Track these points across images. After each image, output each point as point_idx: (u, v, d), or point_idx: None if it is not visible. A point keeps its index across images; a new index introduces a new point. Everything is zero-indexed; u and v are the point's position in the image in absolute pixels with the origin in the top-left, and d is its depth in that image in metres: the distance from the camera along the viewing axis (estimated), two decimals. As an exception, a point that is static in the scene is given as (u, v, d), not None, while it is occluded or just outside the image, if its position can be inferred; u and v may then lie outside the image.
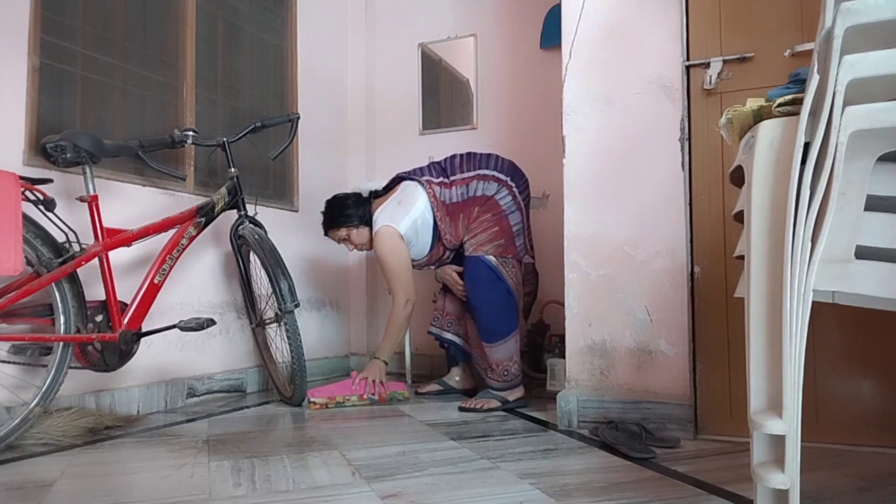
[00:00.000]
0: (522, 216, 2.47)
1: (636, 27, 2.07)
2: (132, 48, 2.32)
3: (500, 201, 2.41)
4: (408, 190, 2.49)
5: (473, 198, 2.43)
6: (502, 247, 2.39)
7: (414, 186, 2.49)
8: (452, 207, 2.46)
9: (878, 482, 1.45)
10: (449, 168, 2.53)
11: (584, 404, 2.02)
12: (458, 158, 2.55)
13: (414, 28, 3.49)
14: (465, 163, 2.51)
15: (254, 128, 2.39)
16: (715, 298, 1.89)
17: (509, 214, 2.41)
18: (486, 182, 2.43)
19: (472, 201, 2.43)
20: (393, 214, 2.45)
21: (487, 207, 2.41)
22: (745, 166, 1.14)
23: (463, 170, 2.49)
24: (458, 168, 2.51)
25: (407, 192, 2.49)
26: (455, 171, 2.50)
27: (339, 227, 2.58)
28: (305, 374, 2.32)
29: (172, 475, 1.51)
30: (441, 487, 1.40)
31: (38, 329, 1.87)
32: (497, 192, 2.42)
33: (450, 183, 2.48)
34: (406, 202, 2.46)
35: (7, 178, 1.63)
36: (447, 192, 2.47)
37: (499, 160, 2.51)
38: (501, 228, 2.39)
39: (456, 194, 2.46)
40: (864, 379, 1.75)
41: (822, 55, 1.02)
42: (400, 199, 2.48)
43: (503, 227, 2.39)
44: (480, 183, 2.44)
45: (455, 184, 2.47)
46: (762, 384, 1.04)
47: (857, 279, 1.02)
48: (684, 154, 1.98)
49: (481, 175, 2.45)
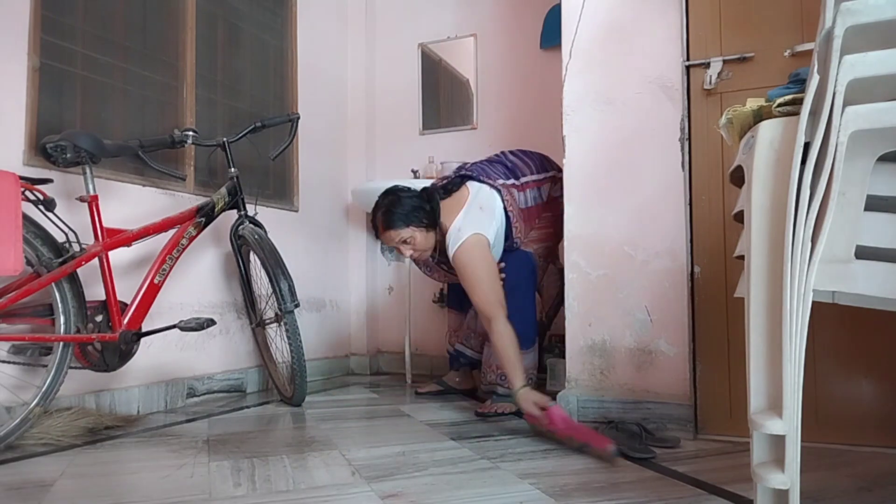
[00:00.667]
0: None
1: (636, 27, 2.07)
2: (132, 48, 2.32)
3: (562, 203, 2.26)
4: (483, 193, 2.22)
5: (548, 199, 2.37)
6: (549, 249, 2.37)
7: (488, 190, 2.23)
8: (527, 212, 2.33)
9: (878, 482, 1.45)
10: (515, 168, 2.35)
11: (584, 404, 2.02)
12: (514, 157, 2.39)
13: (414, 28, 3.49)
14: (529, 162, 2.38)
15: (254, 128, 2.39)
16: (715, 298, 1.89)
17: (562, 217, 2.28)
18: (555, 184, 2.37)
19: (545, 204, 2.37)
20: (479, 221, 2.14)
21: (551, 207, 2.37)
22: (745, 166, 1.14)
23: (531, 170, 2.36)
24: (524, 168, 2.36)
25: (484, 196, 2.21)
26: (523, 172, 2.35)
27: (405, 227, 2.14)
28: (305, 374, 2.32)
29: (172, 475, 1.51)
30: (441, 487, 1.40)
31: (38, 329, 1.87)
32: (561, 193, 2.26)
33: (522, 185, 2.32)
34: (487, 207, 2.19)
35: (7, 178, 1.63)
36: (521, 196, 2.31)
37: (552, 161, 2.44)
38: (555, 231, 2.36)
39: (530, 198, 2.33)
40: (864, 379, 1.75)
41: (822, 55, 1.02)
42: (481, 205, 2.19)
43: (556, 230, 2.34)
44: (552, 185, 2.38)
45: (527, 186, 2.32)
46: (762, 384, 1.04)
47: (857, 279, 1.02)
48: (684, 154, 1.98)
49: (552, 177, 2.37)
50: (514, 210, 2.23)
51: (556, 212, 2.31)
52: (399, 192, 2.19)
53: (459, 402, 2.52)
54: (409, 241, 2.17)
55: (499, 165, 2.34)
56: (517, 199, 2.27)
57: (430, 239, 2.20)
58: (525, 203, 2.30)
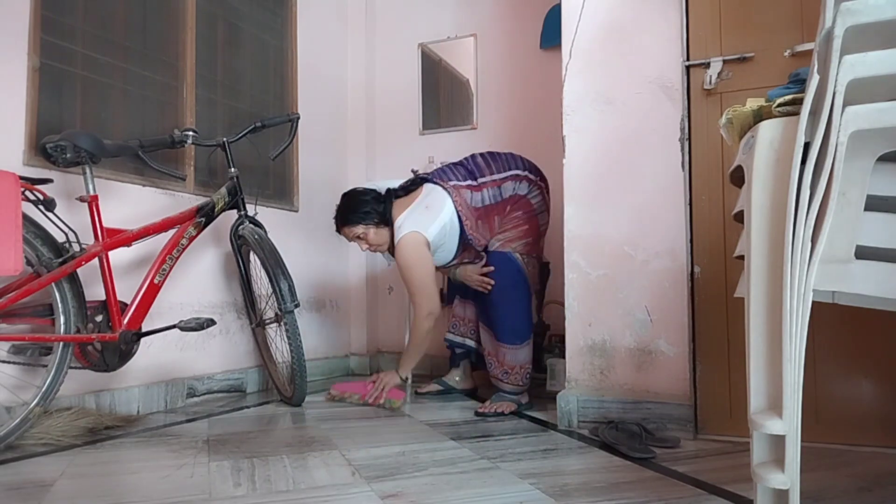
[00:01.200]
0: (548, 217, 2.47)
1: (636, 27, 2.07)
2: (132, 48, 2.32)
3: (532, 200, 2.40)
4: (434, 194, 2.36)
5: (510, 198, 2.39)
6: (529, 245, 2.38)
7: (440, 191, 2.36)
8: (485, 210, 2.38)
9: (878, 482, 1.45)
10: (476, 170, 2.43)
11: (584, 404, 2.02)
12: (480, 159, 2.46)
13: (414, 28, 3.49)
14: (492, 163, 2.44)
15: (254, 128, 2.39)
16: (715, 298, 1.89)
17: (538, 214, 2.41)
18: (520, 182, 2.40)
19: (506, 202, 2.39)
20: (420, 219, 2.30)
21: (519, 206, 2.39)
22: (745, 166, 1.14)
23: (493, 171, 2.42)
24: (485, 170, 2.42)
25: (434, 197, 2.35)
26: (484, 173, 2.42)
27: (356, 224, 2.38)
28: (305, 374, 2.32)
29: (172, 475, 1.51)
30: (441, 487, 1.40)
31: (38, 329, 1.87)
32: (529, 191, 2.40)
33: (479, 185, 2.39)
34: (434, 207, 2.32)
35: (7, 178, 1.63)
36: (478, 196, 2.38)
37: (524, 160, 2.47)
38: (530, 227, 2.38)
39: (488, 196, 2.39)
40: (864, 379, 1.75)
41: (822, 55, 1.02)
42: (427, 204, 2.33)
43: (532, 226, 2.39)
44: (514, 183, 2.39)
45: (485, 186, 2.39)
46: (762, 384, 1.04)
47: (857, 279, 1.02)
48: (684, 154, 1.98)
49: (513, 175, 2.40)
50: (463, 209, 2.34)
51: (527, 209, 2.39)
52: (355, 193, 2.44)
53: (459, 401, 2.52)
54: (362, 237, 2.41)
55: (461, 168, 2.46)
56: (469, 198, 2.37)
57: (383, 235, 2.41)
58: (481, 202, 2.38)
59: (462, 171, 2.43)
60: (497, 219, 2.39)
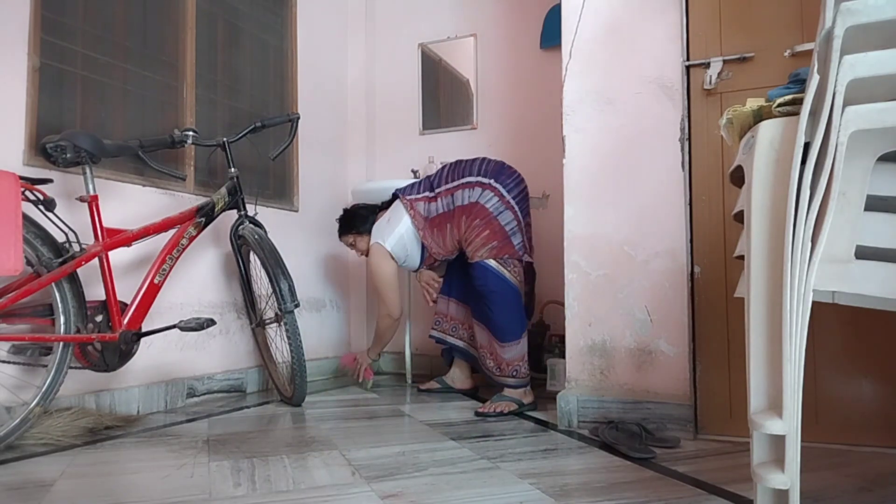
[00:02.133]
0: (516, 214, 2.42)
1: (636, 27, 2.07)
2: (132, 48, 2.32)
3: (486, 204, 2.39)
4: (396, 208, 2.60)
5: (460, 207, 2.43)
6: (497, 248, 2.36)
7: (400, 206, 2.59)
8: (437, 219, 2.50)
9: (878, 482, 1.45)
10: (436, 180, 2.56)
11: (584, 404, 2.02)
12: (445, 169, 2.57)
13: (414, 28, 3.49)
14: (451, 173, 2.52)
15: (254, 128, 2.39)
16: (715, 298, 1.89)
17: (498, 215, 2.38)
18: (471, 189, 2.43)
19: (459, 211, 2.43)
20: (382, 232, 2.59)
21: (475, 213, 2.40)
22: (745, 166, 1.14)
23: (448, 180, 2.51)
24: (444, 179, 2.53)
25: (395, 211, 2.60)
26: (441, 183, 2.53)
27: (347, 234, 2.77)
28: (305, 374, 2.32)
29: (172, 475, 1.51)
30: (441, 487, 1.40)
31: (38, 329, 1.87)
32: (481, 195, 2.40)
33: (434, 196, 2.52)
34: (393, 220, 2.58)
35: (7, 178, 1.63)
36: (432, 206, 2.52)
37: (484, 163, 2.49)
38: (492, 231, 2.37)
39: (441, 205, 2.49)
40: (864, 379, 1.75)
41: (822, 55, 1.02)
42: (389, 218, 2.60)
43: (493, 228, 2.37)
44: (465, 191, 2.44)
45: (440, 196, 2.51)
46: (762, 384, 1.04)
47: (857, 279, 1.02)
48: (684, 154, 1.98)
49: (464, 183, 2.45)
50: (418, 220, 2.54)
51: (483, 215, 2.39)
52: (353, 208, 2.80)
53: (459, 402, 2.52)
54: (352, 244, 2.79)
55: (426, 181, 2.61)
56: (424, 209, 2.54)
57: (366, 242, 2.71)
58: (435, 211, 2.52)
59: (426, 183, 2.60)
60: (450, 227, 2.47)
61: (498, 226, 2.38)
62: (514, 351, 2.37)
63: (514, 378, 2.35)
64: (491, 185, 2.42)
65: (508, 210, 2.41)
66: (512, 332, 2.37)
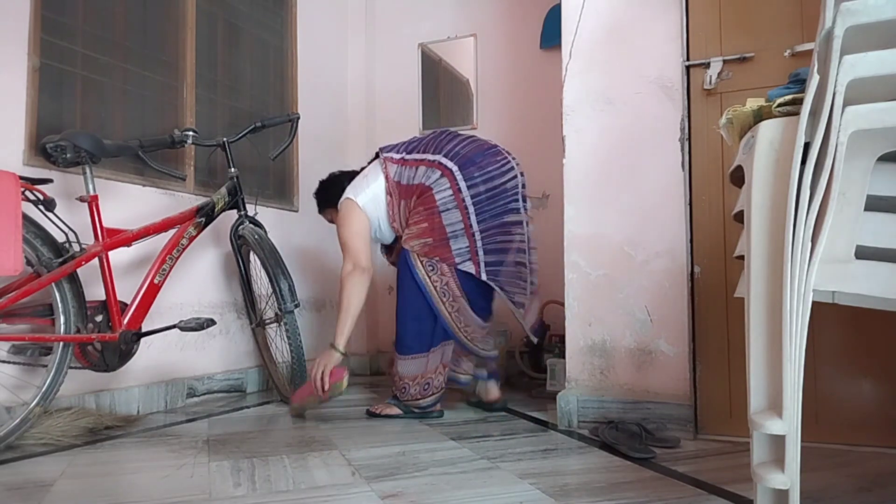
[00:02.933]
0: (465, 217, 2.09)
1: (636, 27, 2.07)
2: (132, 48, 2.32)
3: (436, 195, 2.11)
4: (374, 165, 2.30)
5: (418, 185, 2.17)
6: (429, 246, 2.10)
7: (377, 162, 2.30)
8: (401, 189, 2.21)
9: (878, 482, 1.45)
10: (416, 145, 2.26)
11: (584, 404, 2.02)
12: (430, 136, 2.28)
13: (414, 28, 3.49)
14: (431, 143, 2.23)
15: (254, 128, 2.39)
16: (715, 298, 1.89)
17: (443, 212, 2.09)
18: (432, 169, 2.14)
19: (415, 188, 2.17)
20: (355, 187, 2.26)
21: (423, 199, 2.14)
22: (745, 166, 1.14)
23: (423, 150, 2.22)
24: (422, 147, 2.24)
25: (372, 166, 2.30)
26: (417, 150, 2.24)
27: (327, 208, 2.47)
28: (305, 374, 2.32)
29: (172, 475, 1.51)
30: (441, 487, 1.40)
31: (38, 329, 1.87)
32: (436, 182, 2.12)
33: (403, 160, 2.23)
34: (370, 175, 2.27)
35: (7, 178, 1.63)
36: (405, 171, 2.21)
37: (463, 143, 2.20)
38: (430, 226, 2.10)
39: (405, 175, 2.21)
40: (864, 379, 1.75)
41: (822, 55, 1.02)
42: (366, 173, 2.29)
43: (432, 224, 2.10)
44: (427, 169, 2.15)
45: (408, 164, 2.21)
46: (762, 384, 1.04)
47: (857, 279, 1.02)
48: (684, 154, 1.98)
49: (430, 160, 2.16)
50: (388, 181, 2.22)
51: (429, 205, 2.12)
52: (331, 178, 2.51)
53: (459, 402, 2.52)
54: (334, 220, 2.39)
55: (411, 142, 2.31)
56: (393, 171, 2.22)
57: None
58: (408, 180, 2.19)
59: (408, 144, 2.30)
60: (403, 203, 2.20)
61: (438, 223, 2.10)
62: (406, 367, 2.15)
63: (399, 398, 2.18)
64: (451, 172, 2.11)
65: (457, 209, 2.09)
66: (405, 345, 2.15)
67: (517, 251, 2.21)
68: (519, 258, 2.22)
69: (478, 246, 2.12)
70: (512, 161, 2.22)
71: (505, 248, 2.18)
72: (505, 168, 2.18)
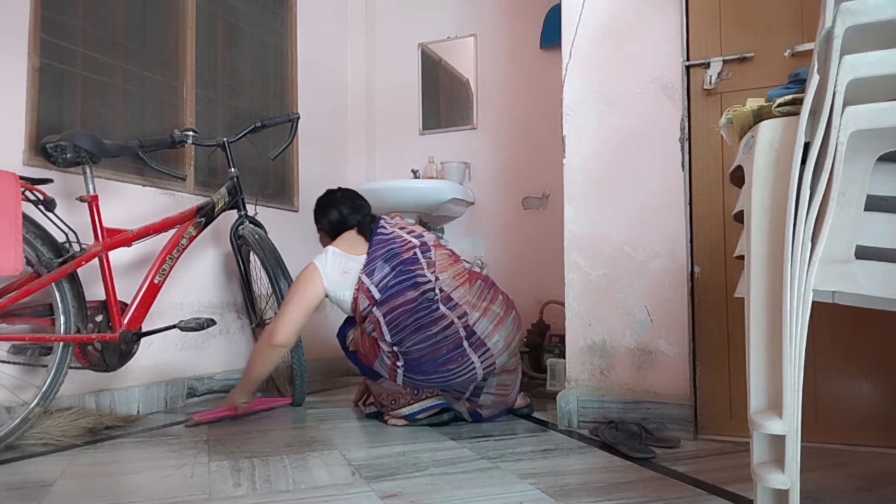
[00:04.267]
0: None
1: (636, 27, 2.07)
2: (132, 48, 2.32)
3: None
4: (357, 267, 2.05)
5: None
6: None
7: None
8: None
9: (878, 482, 1.45)
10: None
11: (584, 404, 2.02)
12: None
13: (414, 28, 3.49)
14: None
15: (254, 128, 2.39)
16: (715, 298, 1.89)
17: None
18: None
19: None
20: (332, 268, 2.05)
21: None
22: (745, 166, 1.14)
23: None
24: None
25: (355, 269, 2.04)
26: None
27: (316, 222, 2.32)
28: (305, 374, 2.32)
29: (172, 475, 1.51)
30: (441, 487, 1.40)
31: (38, 329, 1.87)
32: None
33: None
34: (351, 278, 2.04)
35: (7, 178, 1.63)
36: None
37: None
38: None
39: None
40: (864, 379, 1.75)
41: (822, 55, 1.02)
42: (346, 270, 2.05)
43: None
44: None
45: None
46: (762, 384, 1.04)
47: (857, 279, 1.02)
48: (684, 154, 1.97)
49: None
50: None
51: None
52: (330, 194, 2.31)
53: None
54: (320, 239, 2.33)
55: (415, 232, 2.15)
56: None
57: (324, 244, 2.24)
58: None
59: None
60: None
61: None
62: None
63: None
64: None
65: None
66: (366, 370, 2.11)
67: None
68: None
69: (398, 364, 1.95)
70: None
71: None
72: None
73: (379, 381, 2.08)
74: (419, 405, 2.04)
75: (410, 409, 2.04)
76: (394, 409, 2.06)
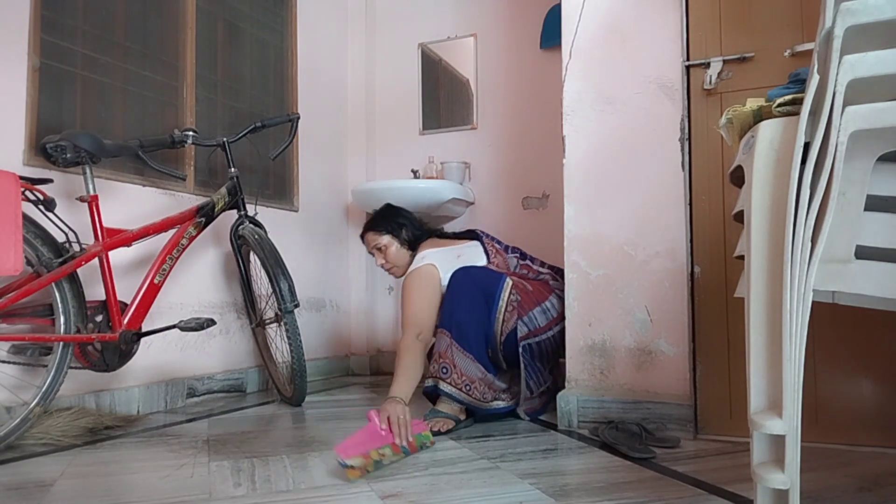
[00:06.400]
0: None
1: (636, 27, 2.07)
2: (132, 48, 2.32)
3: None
4: (474, 251, 2.27)
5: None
6: (520, 300, 2.19)
7: (481, 252, 2.27)
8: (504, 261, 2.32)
9: (878, 482, 1.45)
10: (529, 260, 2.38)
11: (584, 404, 2.02)
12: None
13: (414, 28, 3.49)
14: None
15: (254, 128, 2.39)
16: (715, 298, 1.89)
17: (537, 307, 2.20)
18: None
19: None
20: (445, 262, 2.18)
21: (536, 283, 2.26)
22: (745, 166, 1.14)
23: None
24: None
25: (471, 254, 2.25)
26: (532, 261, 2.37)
27: (385, 233, 2.36)
28: (305, 374, 2.32)
29: (172, 475, 1.51)
30: (441, 487, 1.40)
31: (38, 329, 1.87)
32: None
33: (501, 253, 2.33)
34: (466, 261, 2.20)
35: (7, 178, 1.63)
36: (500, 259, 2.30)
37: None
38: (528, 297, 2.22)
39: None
40: (864, 379, 1.75)
41: (822, 55, 1.02)
42: (459, 254, 2.23)
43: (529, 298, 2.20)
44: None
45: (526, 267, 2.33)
46: (762, 384, 1.04)
47: (857, 279, 1.02)
48: (684, 154, 1.98)
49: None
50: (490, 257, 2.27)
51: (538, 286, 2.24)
52: (399, 207, 2.44)
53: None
54: (383, 249, 2.37)
55: (518, 251, 2.40)
56: (511, 265, 2.31)
57: (403, 256, 2.35)
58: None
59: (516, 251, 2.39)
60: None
61: (535, 300, 2.21)
62: (473, 368, 2.09)
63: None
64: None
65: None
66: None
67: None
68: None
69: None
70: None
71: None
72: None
73: (492, 375, 2.07)
74: (503, 403, 2.10)
75: (497, 406, 2.08)
76: (484, 401, 2.04)
